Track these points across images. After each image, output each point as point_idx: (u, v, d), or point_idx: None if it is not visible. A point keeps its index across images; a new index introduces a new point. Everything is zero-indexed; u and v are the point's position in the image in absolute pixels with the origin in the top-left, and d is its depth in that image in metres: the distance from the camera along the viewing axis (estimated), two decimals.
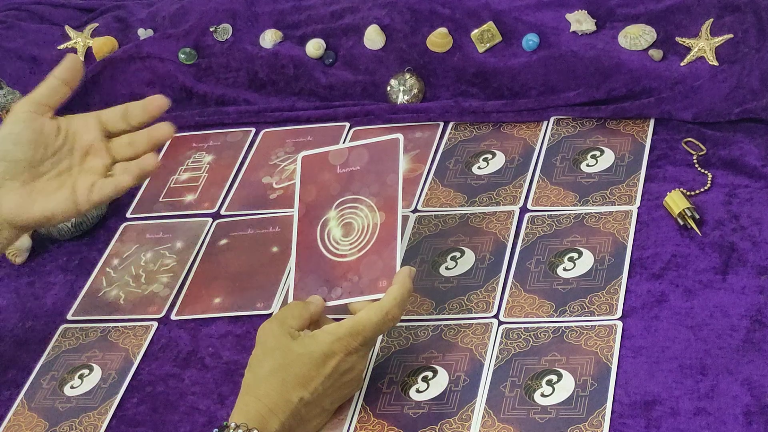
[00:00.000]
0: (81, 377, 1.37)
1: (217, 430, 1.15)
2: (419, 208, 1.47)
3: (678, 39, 1.53)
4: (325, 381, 1.20)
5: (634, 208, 1.40)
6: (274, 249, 1.47)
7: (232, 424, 1.15)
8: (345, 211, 1.31)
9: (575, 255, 1.35)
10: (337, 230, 1.31)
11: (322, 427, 1.23)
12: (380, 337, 1.31)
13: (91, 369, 1.39)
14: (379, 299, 1.24)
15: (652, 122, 1.51)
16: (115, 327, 1.43)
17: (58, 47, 1.82)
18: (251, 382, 1.19)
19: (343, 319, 1.24)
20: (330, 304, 1.28)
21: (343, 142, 1.60)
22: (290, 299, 1.30)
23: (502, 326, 1.30)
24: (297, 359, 1.19)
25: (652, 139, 1.49)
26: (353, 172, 1.32)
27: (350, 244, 1.30)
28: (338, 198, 1.32)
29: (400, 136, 1.31)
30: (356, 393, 1.26)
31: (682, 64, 1.51)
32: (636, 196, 1.41)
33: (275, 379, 1.18)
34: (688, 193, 1.39)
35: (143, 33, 1.79)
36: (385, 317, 1.22)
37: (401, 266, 1.26)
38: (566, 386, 1.22)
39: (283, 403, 1.18)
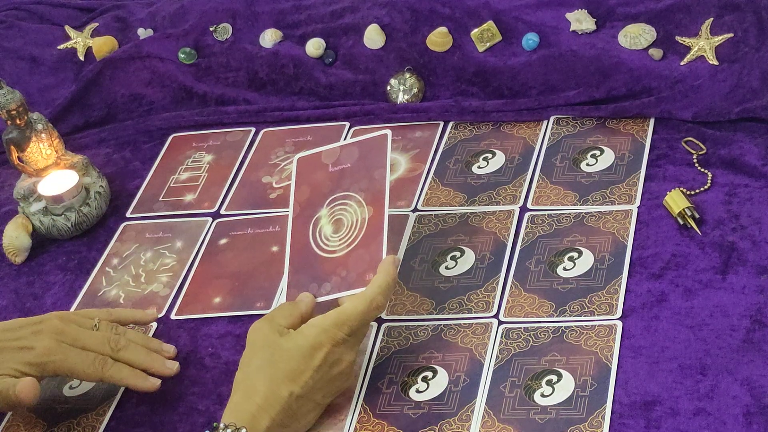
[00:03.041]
0: None
1: (208, 431, 1.15)
2: (419, 207, 1.47)
3: (678, 38, 1.53)
4: (315, 374, 1.20)
5: (634, 208, 1.39)
6: (274, 248, 1.47)
7: (221, 425, 1.14)
8: (336, 208, 1.31)
9: (575, 254, 1.35)
10: (328, 227, 1.31)
11: (315, 422, 1.23)
12: (380, 337, 1.31)
13: None
14: None
15: (652, 121, 1.51)
16: None
17: (58, 47, 1.82)
18: (241, 381, 1.20)
19: None
20: (320, 299, 1.28)
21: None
22: (284, 298, 1.30)
23: (502, 326, 1.30)
24: (285, 354, 1.19)
25: (652, 139, 1.48)
26: (344, 170, 1.32)
27: (339, 240, 1.30)
28: (330, 196, 1.32)
29: (388, 131, 1.31)
30: (355, 392, 1.26)
31: (682, 63, 1.51)
32: (636, 196, 1.41)
33: (264, 376, 1.18)
34: (688, 192, 1.39)
35: (143, 33, 1.79)
36: (370, 306, 1.22)
37: None
38: (566, 386, 1.21)
39: (273, 399, 1.17)
